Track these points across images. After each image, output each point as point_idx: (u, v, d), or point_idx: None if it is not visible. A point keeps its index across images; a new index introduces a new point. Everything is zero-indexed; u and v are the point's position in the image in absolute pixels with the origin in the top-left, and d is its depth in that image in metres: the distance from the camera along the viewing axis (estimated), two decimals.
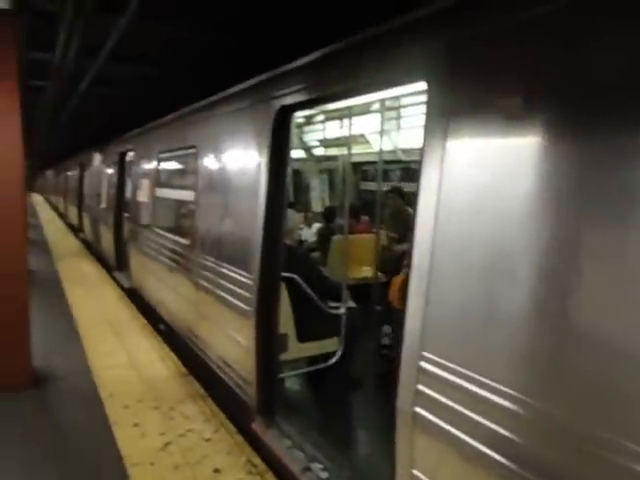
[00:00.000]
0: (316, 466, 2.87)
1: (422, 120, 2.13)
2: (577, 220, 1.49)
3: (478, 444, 1.72)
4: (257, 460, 3.15)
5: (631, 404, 1.33)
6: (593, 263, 1.44)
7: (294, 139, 3.33)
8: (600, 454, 1.37)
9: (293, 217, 4.23)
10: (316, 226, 7.41)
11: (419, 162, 2.08)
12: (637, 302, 1.32)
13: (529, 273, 1.61)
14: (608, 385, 1.38)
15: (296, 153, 8.69)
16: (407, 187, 7.19)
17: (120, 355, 4.91)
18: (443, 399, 1.87)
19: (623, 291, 1.37)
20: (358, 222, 6.59)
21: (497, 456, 1.65)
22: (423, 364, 1.96)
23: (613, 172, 1.41)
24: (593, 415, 1.40)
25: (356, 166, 7.94)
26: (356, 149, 6.66)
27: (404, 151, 6.63)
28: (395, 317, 4.15)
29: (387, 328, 4.68)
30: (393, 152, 6.63)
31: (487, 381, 1.70)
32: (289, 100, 3.13)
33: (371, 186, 8.00)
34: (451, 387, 1.83)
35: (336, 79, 2.74)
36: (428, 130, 2.03)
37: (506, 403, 1.63)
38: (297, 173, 9.14)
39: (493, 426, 1.67)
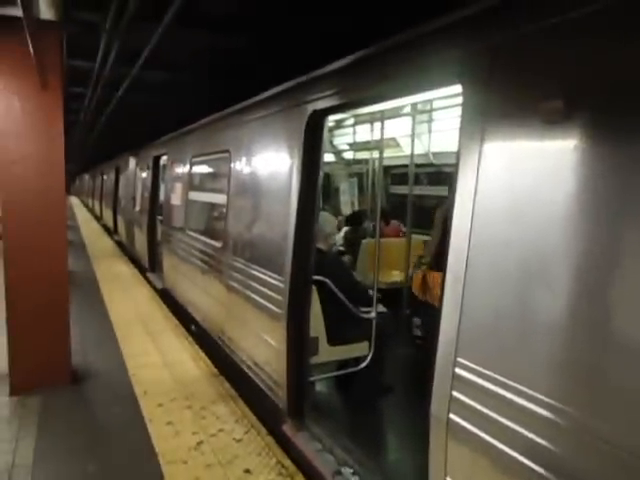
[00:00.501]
0: (347, 470, 2.87)
1: (454, 123, 2.11)
2: (619, 226, 1.45)
3: (514, 452, 1.69)
4: (287, 462, 3.16)
5: None
6: (637, 270, 1.40)
7: (325, 143, 3.34)
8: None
9: (328, 220, 4.18)
10: (345, 230, 7.41)
11: (455, 165, 2.06)
12: None
13: (568, 279, 1.57)
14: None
15: (326, 157, 8.71)
16: (437, 191, 7.13)
17: (153, 354, 5.03)
18: (478, 406, 1.84)
19: None
20: (387, 225, 6.56)
21: (534, 465, 1.61)
22: (458, 370, 1.93)
23: None
24: (634, 426, 1.36)
25: (386, 170, 7.91)
26: (387, 152, 6.63)
27: (435, 154, 6.56)
28: (423, 310, 4.23)
29: (417, 320, 4.71)
30: (425, 155, 6.56)
31: (524, 389, 1.67)
32: (321, 104, 3.15)
33: (401, 190, 7.94)
34: (486, 394, 1.80)
35: (368, 83, 2.74)
36: (464, 133, 2.01)
37: (543, 411, 1.59)
38: (327, 177, 9.16)
39: (530, 435, 1.63)
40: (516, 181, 1.77)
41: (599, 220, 1.49)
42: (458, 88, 2.11)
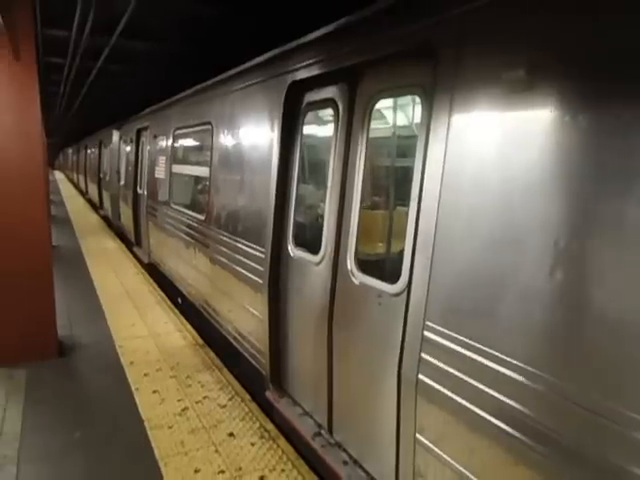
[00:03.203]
0: (325, 432, 2.99)
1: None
2: (585, 193, 1.49)
3: (481, 411, 1.77)
4: (270, 426, 3.28)
5: (632, 373, 1.36)
6: (596, 235, 1.45)
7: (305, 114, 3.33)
8: (600, 422, 1.41)
9: (310, 192, 4.16)
10: (321, 203, 7.40)
11: (425, 137, 2.09)
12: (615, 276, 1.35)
13: (533, 245, 1.62)
14: (610, 355, 1.40)
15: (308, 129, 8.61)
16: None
17: (140, 326, 5.09)
18: (446, 367, 1.92)
19: (626, 263, 1.37)
20: None
21: (500, 423, 1.70)
22: (427, 333, 2.01)
23: (617, 145, 1.40)
24: (595, 384, 1.43)
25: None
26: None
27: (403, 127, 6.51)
28: None
29: None
30: (408, 127, 6.53)
31: (490, 350, 1.74)
32: (300, 75, 3.12)
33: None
34: (454, 356, 1.88)
35: (346, 53, 2.71)
36: (434, 105, 2.03)
37: (508, 372, 1.67)
38: (312, 148, 9.09)
39: (496, 394, 1.71)
40: (484, 150, 1.81)
41: (565, 188, 1.53)
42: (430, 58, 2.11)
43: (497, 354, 1.71)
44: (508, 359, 1.68)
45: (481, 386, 1.77)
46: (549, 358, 1.57)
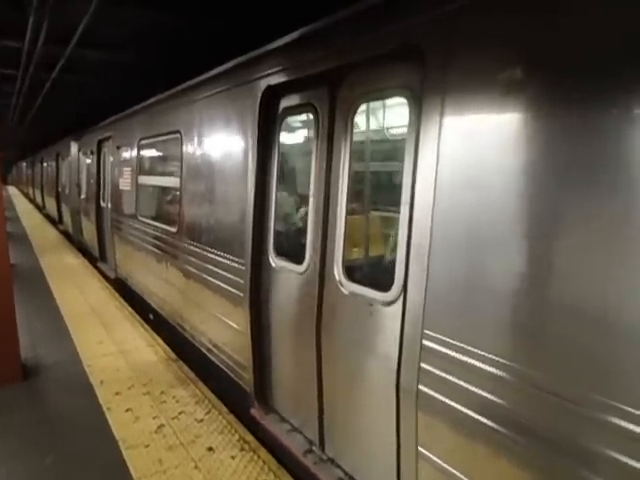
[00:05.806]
0: (317, 448, 2.89)
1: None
2: (573, 193, 1.49)
3: (484, 419, 1.74)
4: (249, 437, 3.21)
5: (620, 370, 1.39)
6: (588, 236, 1.46)
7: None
8: (602, 419, 1.43)
9: (286, 200, 4.06)
10: (303, 210, 7.38)
11: (415, 140, 2.05)
12: (628, 278, 1.37)
13: (530, 248, 1.61)
14: (605, 355, 1.41)
15: (286, 135, 8.54)
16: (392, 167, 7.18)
17: (108, 344, 4.90)
18: (448, 376, 1.87)
19: (616, 266, 1.39)
20: None
21: (504, 429, 1.67)
22: (426, 342, 1.95)
23: (607, 145, 1.41)
24: (596, 384, 1.44)
25: None
26: None
27: (389, 129, 6.59)
28: None
29: None
30: (380, 131, 6.59)
31: (492, 356, 1.71)
32: (276, 79, 3.03)
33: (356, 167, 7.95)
34: (455, 364, 1.83)
35: (323, 56, 2.63)
36: (424, 107, 1.98)
37: (509, 377, 1.65)
38: (282, 156, 9.04)
39: (501, 401, 1.68)
40: (479, 152, 1.77)
41: (563, 189, 1.52)
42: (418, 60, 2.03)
43: (501, 360, 1.68)
44: (511, 364, 1.65)
45: (488, 395, 1.73)
46: (554, 363, 1.54)
